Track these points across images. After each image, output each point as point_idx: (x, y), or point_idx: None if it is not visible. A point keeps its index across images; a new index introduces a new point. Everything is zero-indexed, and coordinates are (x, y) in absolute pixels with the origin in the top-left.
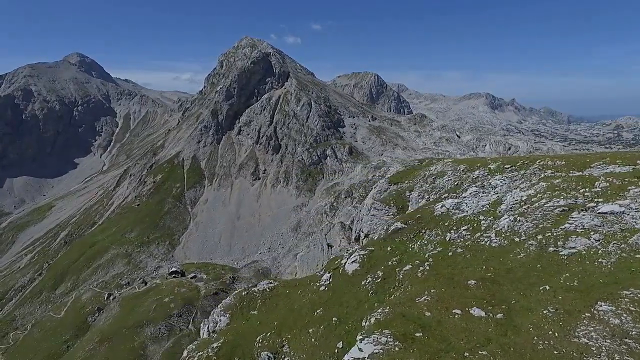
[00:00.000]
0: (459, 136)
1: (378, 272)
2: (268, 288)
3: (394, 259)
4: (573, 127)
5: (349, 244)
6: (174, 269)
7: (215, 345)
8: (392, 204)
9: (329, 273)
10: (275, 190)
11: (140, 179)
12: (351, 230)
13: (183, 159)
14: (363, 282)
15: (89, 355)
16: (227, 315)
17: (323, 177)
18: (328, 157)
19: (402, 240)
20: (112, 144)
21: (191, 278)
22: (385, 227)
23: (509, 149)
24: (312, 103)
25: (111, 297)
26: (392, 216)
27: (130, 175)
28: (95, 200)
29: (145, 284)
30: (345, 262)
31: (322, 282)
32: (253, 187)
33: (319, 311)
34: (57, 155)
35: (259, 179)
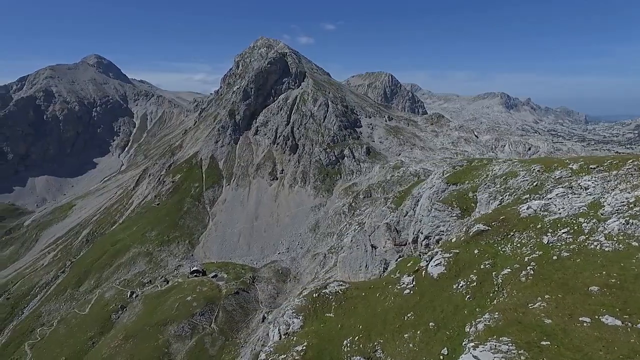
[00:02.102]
0: (477, 136)
1: (471, 275)
2: (340, 290)
3: (486, 262)
4: (591, 127)
5: (395, 245)
6: (195, 268)
7: (299, 348)
8: (455, 205)
9: (409, 276)
10: (293, 191)
11: (159, 179)
12: (397, 231)
13: (201, 158)
14: (455, 286)
15: (114, 352)
16: (300, 317)
17: (341, 177)
18: (345, 157)
19: (489, 243)
20: (129, 144)
21: (212, 277)
22: (464, 229)
23: (529, 149)
24: (329, 103)
25: (134, 295)
26: (455, 217)
27: (149, 175)
28: (115, 199)
29: (167, 282)
30: (427, 265)
31: (405, 285)
32: (271, 187)
33: (409, 315)
34: (76, 155)
35: (277, 179)
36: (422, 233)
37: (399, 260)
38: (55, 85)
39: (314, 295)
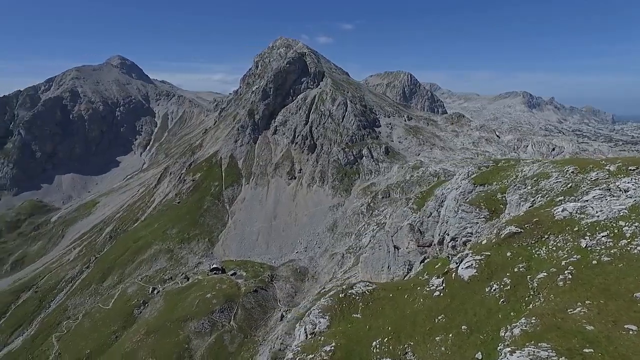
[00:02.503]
0: (498, 136)
1: (504, 279)
2: (367, 291)
3: (520, 265)
4: (618, 127)
5: (418, 246)
6: (214, 266)
7: (327, 348)
8: (483, 207)
9: (438, 278)
10: (311, 190)
11: (179, 177)
12: (420, 232)
13: (221, 158)
14: (487, 289)
15: (136, 346)
16: (327, 317)
17: (359, 177)
18: (364, 157)
19: (523, 246)
20: (151, 142)
21: (231, 275)
22: (494, 231)
23: (553, 149)
24: (348, 102)
25: (155, 291)
26: (484, 219)
27: (170, 174)
28: (138, 197)
29: (188, 279)
30: (457, 267)
31: (434, 287)
32: (289, 186)
33: (440, 318)
34: (101, 154)
35: (295, 178)
36: (448, 234)
37: (425, 261)
38: (80, 85)
39: (340, 295)
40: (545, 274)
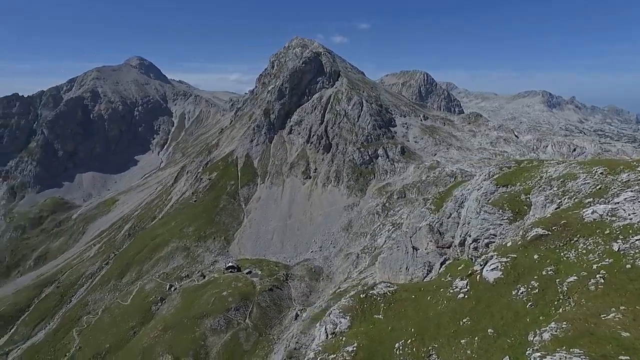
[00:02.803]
0: (517, 136)
1: (532, 282)
2: (388, 292)
3: (548, 268)
4: None
5: (437, 247)
6: (230, 264)
7: (349, 349)
8: (506, 208)
9: (462, 280)
10: (326, 190)
11: (196, 176)
12: (440, 233)
13: (237, 157)
14: (514, 292)
15: (154, 342)
16: (348, 317)
17: (374, 177)
18: (379, 157)
19: (550, 248)
20: (168, 142)
21: (247, 273)
22: (520, 233)
23: (574, 150)
24: (363, 102)
25: (172, 289)
26: (507, 221)
27: (187, 173)
28: (155, 195)
29: (204, 277)
30: (482, 269)
31: (458, 290)
32: (304, 185)
33: (464, 321)
34: (120, 152)
35: (310, 177)
36: (469, 236)
37: (447, 263)
38: (101, 86)
39: (361, 295)
40: (575, 277)
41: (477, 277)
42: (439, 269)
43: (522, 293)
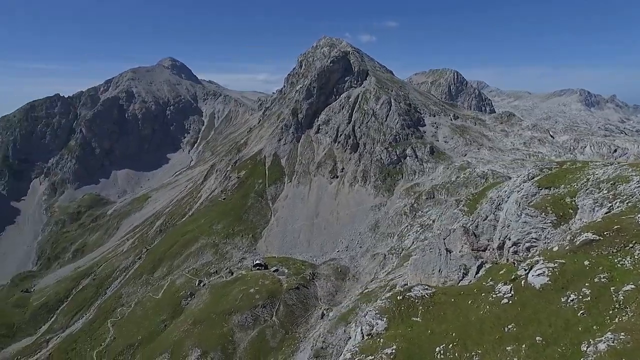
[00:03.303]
0: (552, 136)
1: (583, 289)
2: (427, 294)
3: (601, 275)
4: None
5: (472, 250)
6: (257, 262)
7: (388, 351)
8: (550, 211)
9: (505, 285)
10: (353, 189)
11: (225, 175)
12: (475, 236)
13: (265, 156)
14: (563, 300)
15: (184, 335)
16: (384, 319)
17: (402, 177)
18: (408, 157)
19: (603, 255)
20: (198, 141)
21: (273, 271)
22: (567, 238)
23: (615, 151)
24: (392, 101)
25: (201, 284)
26: (550, 224)
27: (217, 171)
28: (185, 193)
29: (232, 274)
30: (527, 274)
31: (502, 295)
32: (331, 185)
33: (510, 327)
34: (152, 151)
35: (337, 177)
36: (509, 239)
37: (487, 267)
38: (135, 86)
39: (398, 297)
40: (632, 286)
41: (522, 283)
42: (476, 273)
43: (572, 300)
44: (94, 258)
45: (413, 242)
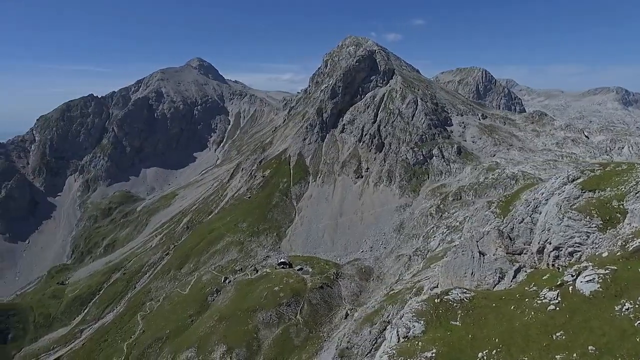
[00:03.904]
0: (587, 136)
1: (639, 298)
2: (466, 298)
3: None
4: None
5: (507, 253)
6: (282, 260)
7: (427, 355)
8: (595, 215)
9: (551, 290)
10: (377, 189)
11: (250, 173)
12: (510, 239)
13: (289, 155)
14: (617, 308)
15: (210, 331)
16: (422, 322)
17: (428, 177)
18: (434, 157)
19: None
20: (224, 140)
21: (298, 270)
22: (618, 243)
23: None
24: (418, 100)
25: (227, 281)
26: (595, 228)
27: (242, 170)
28: (212, 191)
29: (257, 271)
30: (575, 281)
31: (547, 301)
32: (355, 185)
33: (558, 335)
34: (180, 149)
35: (362, 177)
36: (550, 243)
37: (528, 271)
38: (164, 86)
39: (436, 300)
40: None
41: (570, 289)
42: (513, 277)
43: (627, 309)
44: (124, 253)
45: (439, 244)
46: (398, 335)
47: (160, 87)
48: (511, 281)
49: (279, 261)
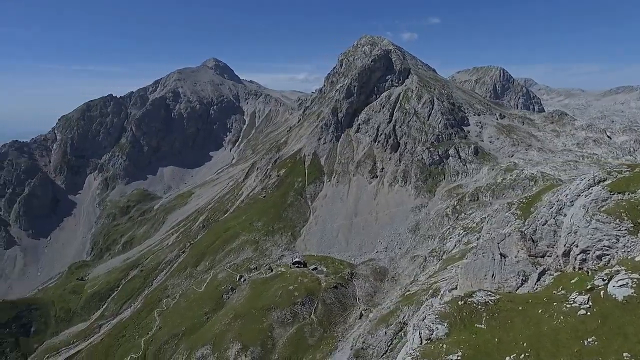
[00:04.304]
0: (609, 137)
1: None
2: (490, 300)
3: None
4: None
5: (529, 256)
6: (297, 260)
7: (453, 357)
8: (625, 218)
9: (581, 295)
10: (392, 189)
11: (265, 173)
12: (533, 241)
13: (304, 155)
14: None
15: (225, 329)
16: (445, 324)
17: (444, 177)
18: (450, 157)
19: None
20: (240, 139)
21: (312, 269)
22: None
23: None
24: (435, 100)
25: (242, 279)
26: (625, 231)
27: (257, 169)
28: (227, 190)
29: (271, 270)
30: (606, 285)
31: (577, 305)
32: (370, 185)
33: (590, 340)
34: (196, 149)
35: (377, 177)
36: (576, 246)
37: (554, 275)
38: (181, 86)
39: (459, 302)
40: None
41: (601, 293)
42: (537, 280)
43: None
44: (142, 250)
45: (455, 245)
46: (421, 337)
47: (177, 87)
48: (535, 284)
49: (294, 260)
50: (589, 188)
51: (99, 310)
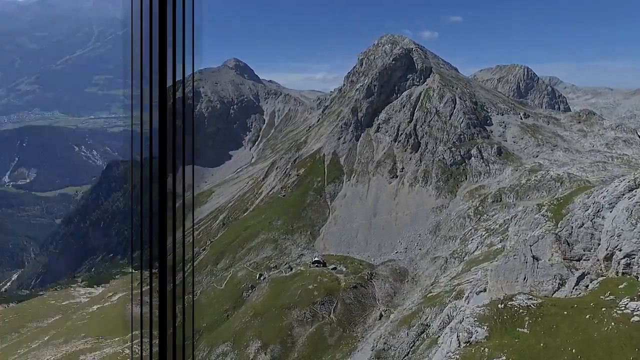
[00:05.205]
0: None
1: None
2: (532, 304)
3: None
4: None
5: (564, 259)
6: (316, 259)
7: None
8: None
9: (633, 300)
10: (413, 190)
11: (285, 172)
12: (568, 244)
13: (324, 154)
14: None
15: (245, 327)
16: (485, 327)
17: (466, 178)
18: (472, 157)
19: None
20: (259, 138)
21: (332, 269)
22: None
23: None
24: (457, 99)
25: (262, 278)
26: None
27: (277, 168)
28: (247, 189)
29: (291, 269)
30: None
31: (630, 311)
32: (390, 185)
33: None
34: (217, 148)
35: (397, 177)
36: (620, 250)
37: (599, 279)
38: (202, 86)
39: (499, 305)
40: None
41: None
42: (575, 284)
43: None
44: None
45: (477, 247)
46: (459, 340)
47: (199, 87)
48: (573, 288)
49: (313, 260)
50: (630, 190)
51: None
